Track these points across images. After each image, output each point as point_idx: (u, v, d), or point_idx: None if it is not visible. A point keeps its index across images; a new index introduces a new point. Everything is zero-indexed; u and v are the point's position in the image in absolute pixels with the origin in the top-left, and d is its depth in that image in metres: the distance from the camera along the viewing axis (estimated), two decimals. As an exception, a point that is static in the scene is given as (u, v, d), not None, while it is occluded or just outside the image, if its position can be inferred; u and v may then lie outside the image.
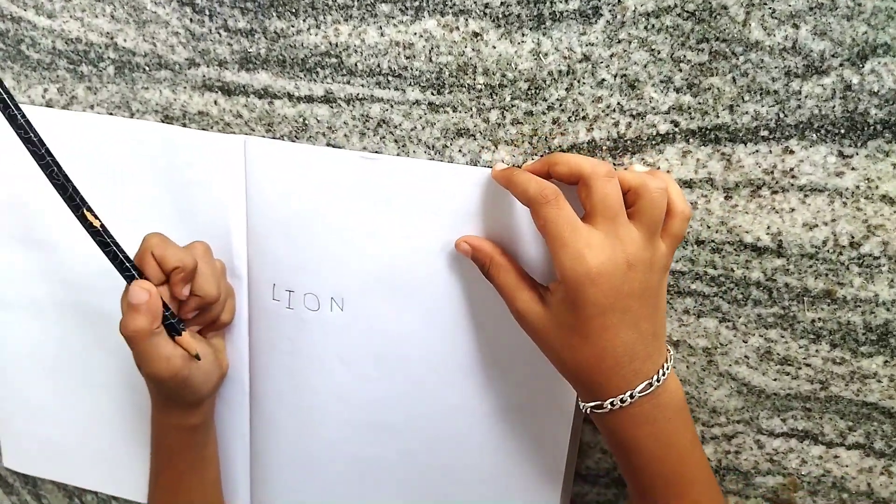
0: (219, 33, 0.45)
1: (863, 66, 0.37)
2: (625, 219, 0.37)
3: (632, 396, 0.37)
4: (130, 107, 0.48)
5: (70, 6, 0.47)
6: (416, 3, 0.41)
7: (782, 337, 0.43)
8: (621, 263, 0.36)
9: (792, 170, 0.39)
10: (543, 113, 0.41)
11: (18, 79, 0.50)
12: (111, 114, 0.49)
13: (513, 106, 0.42)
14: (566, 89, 0.41)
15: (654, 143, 0.41)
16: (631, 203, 0.37)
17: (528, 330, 0.40)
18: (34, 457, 0.61)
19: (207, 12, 0.44)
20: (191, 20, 0.45)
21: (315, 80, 0.44)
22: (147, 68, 0.47)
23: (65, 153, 0.48)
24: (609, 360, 0.37)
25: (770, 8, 0.36)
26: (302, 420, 0.51)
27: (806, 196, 0.40)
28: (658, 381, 0.37)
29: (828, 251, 0.40)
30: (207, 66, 0.46)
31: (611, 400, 0.37)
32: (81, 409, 0.57)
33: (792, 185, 0.40)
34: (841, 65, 0.37)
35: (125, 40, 0.47)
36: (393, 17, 0.42)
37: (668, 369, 0.38)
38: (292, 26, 0.43)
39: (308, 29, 0.43)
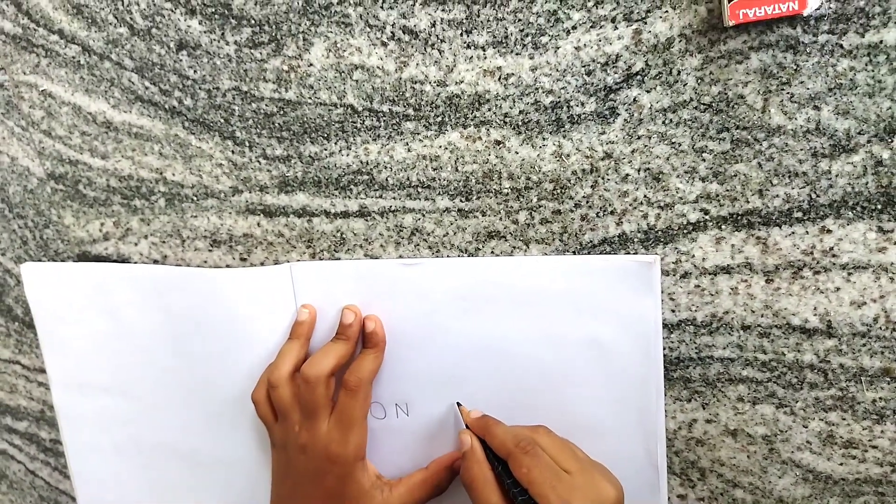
0: (258, 161, 0.45)
1: (892, 141, 0.34)
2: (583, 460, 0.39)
3: None
4: (181, 234, 0.48)
5: (121, 147, 0.47)
6: (439, 119, 0.40)
7: (844, 419, 0.39)
8: (607, 499, 0.36)
9: (832, 249, 0.36)
10: (571, 210, 0.40)
11: (77, 216, 0.50)
12: (164, 242, 0.49)
13: (540, 206, 0.40)
14: (591, 186, 0.39)
15: (685, 231, 0.38)
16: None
17: None
18: None
19: (247, 144, 0.45)
20: (232, 152, 0.45)
21: (349, 197, 0.44)
22: (195, 198, 0.47)
23: (130, 302, 0.48)
24: None
25: (788, 93, 0.34)
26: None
27: (850, 274, 0.36)
28: None
29: (880, 328, 0.37)
30: (249, 192, 0.46)
31: None
32: None
33: (834, 263, 0.36)
34: (869, 141, 0.34)
35: (173, 174, 0.47)
36: (418, 134, 0.41)
37: None
38: (325, 149, 0.43)
39: (340, 151, 0.43)
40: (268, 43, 0.42)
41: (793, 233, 0.36)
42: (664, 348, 0.40)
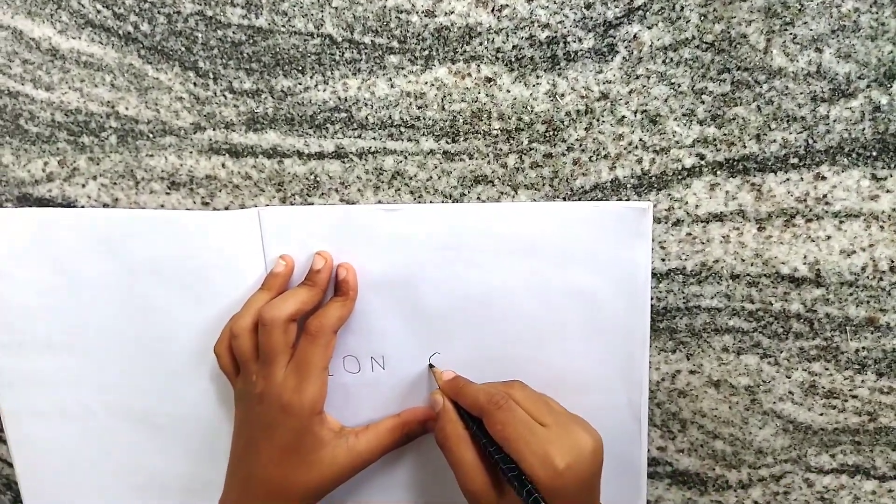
0: (224, 95, 0.41)
1: (891, 86, 0.33)
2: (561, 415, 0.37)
3: None
4: (135, 175, 0.44)
5: (68, 77, 0.43)
6: (426, 53, 0.37)
7: (826, 369, 0.38)
8: (584, 450, 0.35)
9: (825, 196, 0.35)
10: (563, 154, 0.38)
11: (17, 154, 0.45)
12: (115, 183, 0.44)
13: (531, 149, 0.38)
14: (585, 129, 0.37)
15: (680, 177, 0.37)
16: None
17: None
18: None
19: (211, 75, 0.41)
20: (194, 84, 0.41)
21: (325, 136, 0.40)
22: (151, 135, 0.43)
23: (78, 250, 0.44)
24: None
25: (791, 34, 0.33)
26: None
27: (841, 222, 0.36)
28: None
29: (867, 277, 0.36)
30: (213, 129, 0.42)
31: None
32: None
33: (826, 211, 0.36)
34: (868, 86, 0.33)
35: (127, 108, 0.43)
36: (402, 68, 0.38)
37: None
38: (299, 84, 0.39)
39: (316, 85, 0.39)
40: (238, -38, 0.38)
41: (787, 179, 0.35)
42: (651, 298, 0.39)
